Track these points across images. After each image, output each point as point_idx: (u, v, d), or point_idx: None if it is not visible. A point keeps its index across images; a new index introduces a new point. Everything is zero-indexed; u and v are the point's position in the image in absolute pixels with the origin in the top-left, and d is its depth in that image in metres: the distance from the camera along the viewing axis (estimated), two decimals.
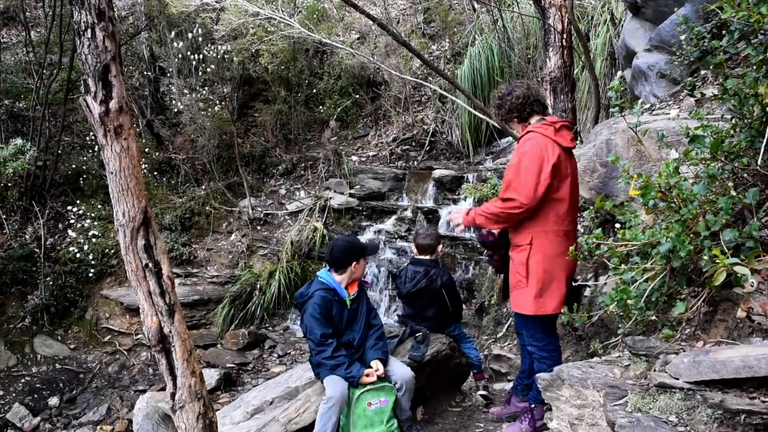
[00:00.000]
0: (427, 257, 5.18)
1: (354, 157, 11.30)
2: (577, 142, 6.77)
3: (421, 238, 5.23)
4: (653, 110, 5.36)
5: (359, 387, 4.41)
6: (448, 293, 5.07)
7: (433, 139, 11.60)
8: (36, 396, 8.28)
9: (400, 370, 4.59)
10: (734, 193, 2.38)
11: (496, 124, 7.32)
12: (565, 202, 3.84)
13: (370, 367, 4.46)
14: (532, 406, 4.36)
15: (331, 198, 10.24)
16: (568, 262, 3.73)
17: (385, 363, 4.59)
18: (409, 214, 9.61)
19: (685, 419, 2.04)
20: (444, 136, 11.65)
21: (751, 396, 1.92)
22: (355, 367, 4.42)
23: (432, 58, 11.78)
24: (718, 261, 2.08)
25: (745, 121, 2.65)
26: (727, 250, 2.26)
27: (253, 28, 10.78)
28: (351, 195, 10.34)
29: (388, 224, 9.72)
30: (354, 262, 4.58)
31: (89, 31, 3.22)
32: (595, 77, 7.13)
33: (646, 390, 2.27)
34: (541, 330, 4.01)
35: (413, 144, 11.68)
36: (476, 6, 11.88)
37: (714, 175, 2.49)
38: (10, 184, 9.89)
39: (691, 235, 2.47)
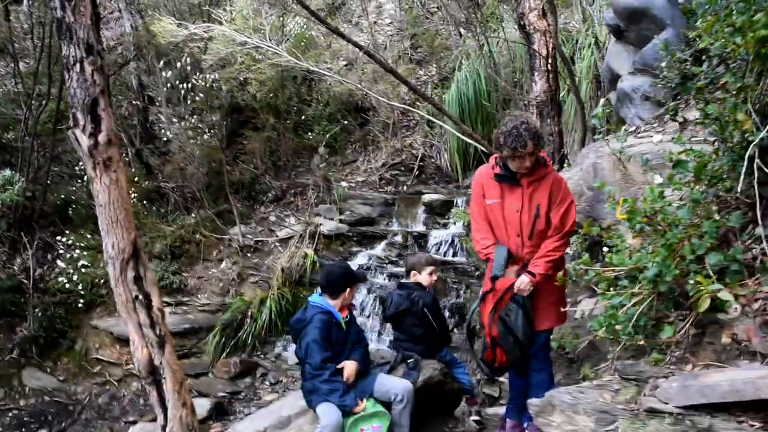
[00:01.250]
0: (412, 281, 5.21)
1: (343, 183, 11.34)
2: (565, 165, 6.84)
3: (408, 257, 5.34)
4: (638, 133, 5.42)
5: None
6: (431, 313, 5.08)
7: (421, 163, 11.66)
8: (24, 429, 8.17)
9: (399, 383, 4.60)
10: (718, 217, 2.41)
11: (484, 149, 7.36)
12: None
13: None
14: (525, 425, 4.36)
15: (321, 224, 10.24)
16: None
17: (362, 373, 4.65)
18: (399, 238, 9.63)
19: None
20: (433, 160, 11.72)
21: (739, 420, 1.93)
22: (349, 397, 4.41)
23: (419, 83, 11.89)
24: (702, 287, 2.11)
25: (727, 145, 2.69)
26: (712, 274, 2.29)
27: (241, 56, 10.85)
28: (341, 221, 10.36)
29: (379, 249, 9.73)
30: (348, 288, 4.67)
31: (78, 65, 3.25)
32: (581, 101, 7.23)
33: (636, 415, 2.28)
34: (549, 341, 4.21)
35: (402, 169, 11.73)
36: (462, 32, 12.03)
37: (698, 200, 2.53)
38: None
39: (677, 259, 2.50)
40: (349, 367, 4.58)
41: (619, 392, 2.56)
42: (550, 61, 6.96)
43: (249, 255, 10.36)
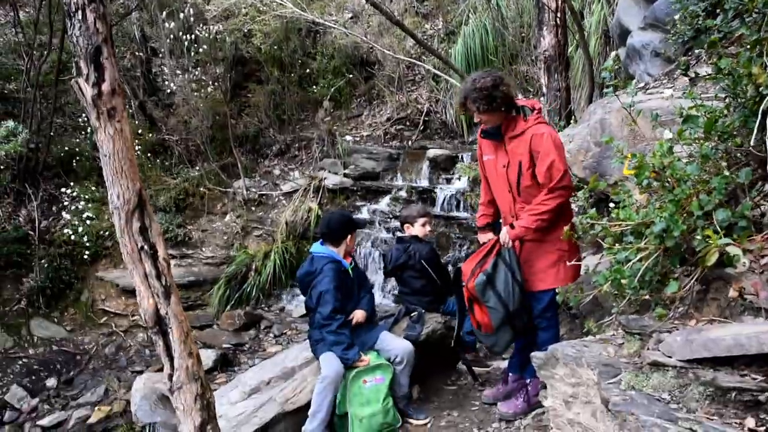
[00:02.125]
0: (408, 235, 5.24)
1: (348, 137, 11.27)
2: (571, 121, 6.78)
3: (401, 211, 5.39)
4: (647, 89, 5.35)
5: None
6: (430, 265, 5.12)
7: (427, 118, 11.56)
8: (34, 377, 8.31)
9: (400, 344, 4.67)
10: (727, 173, 2.39)
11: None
12: None
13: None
14: (528, 381, 4.41)
15: (325, 178, 10.22)
16: None
17: (368, 321, 4.81)
18: (403, 193, 9.61)
19: (678, 396, 2.07)
20: (438, 115, 11.61)
21: (742, 373, 1.95)
22: (352, 351, 4.48)
23: (425, 37, 11.71)
24: (710, 241, 2.10)
25: (739, 100, 2.65)
26: (720, 230, 2.28)
27: (245, 7, 10.68)
28: (345, 175, 10.33)
29: (383, 204, 9.73)
30: (349, 235, 4.72)
31: (80, 12, 3.19)
32: (589, 56, 7.12)
33: (639, 368, 2.30)
34: (555, 300, 4.10)
35: (407, 123, 11.64)
36: None
37: (707, 155, 2.50)
38: (2, 167, 9.82)
39: (685, 215, 2.49)
40: (359, 315, 4.75)
41: (623, 346, 2.58)
42: (558, 15, 6.83)
43: (253, 208, 10.37)
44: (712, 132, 2.59)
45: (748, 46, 2.49)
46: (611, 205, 3.62)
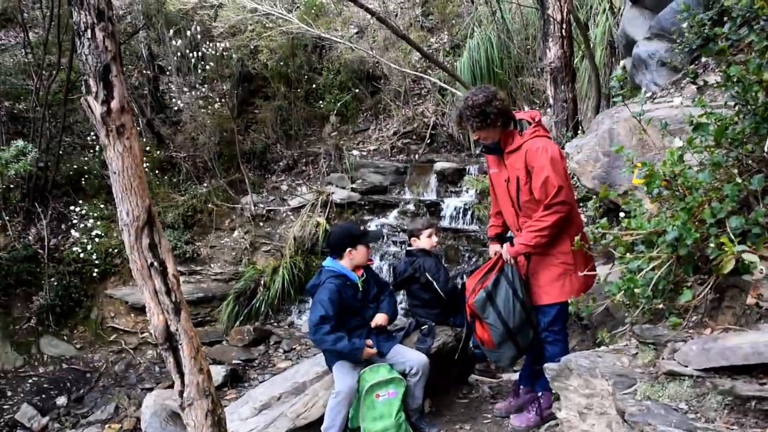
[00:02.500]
0: (415, 248, 5.22)
1: (355, 152, 11.29)
2: (579, 132, 6.77)
3: (408, 226, 5.37)
4: (655, 99, 5.34)
5: (369, 377, 4.43)
6: (434, 279, 5.10)
7: (433, 131, 11.58)
8: (44, 396, 8.30)
9: (414, 355, 4.64)
10: (739, 180, 2.37)
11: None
12: (571, 189, 4.00)
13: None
14: (539, 394, 4.37)
15: (333, 193, 10.23)
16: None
17: (392, 319, 4.84)
18: (411, 207, 9.61)
19: (695, 406, 2.04)
20: (445, 128, 11.62)
21: (761, 382, 1.92)
22: (359, 342, 4.48)
23: (431, 50, 11.75)
24: (726, 249, 2.08)
25: (749, 107, 2.64)
26: (733, 238, 2.26)
27: (251, 24, 10.75)
28: (353, 189, 10.34)
29: (391, 218, 9.73)
30: (349, 248, 4.65)
31: (89, 31, 3.21)
32: (596, 67, 7.12)
33: (655, 378, 2.27)
34: (565, 314, 4.11)
35: (414, 137, 11.66)
36: None
37: (719, 162, 2.49)
38: (12, 186, 9.90)
39: (697, 223, 2.47)
40: (379, 318, 4.76)
41: (637, 356, 2.56)
42: (564, 26, 6.84)
43: (261, 224, 10.39)
44: (723, 139, 2.58)
45: (758, 53, 2.48)
46: (621, 214, 3.61)
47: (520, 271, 4.15)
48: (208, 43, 11.03)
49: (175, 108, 11.57)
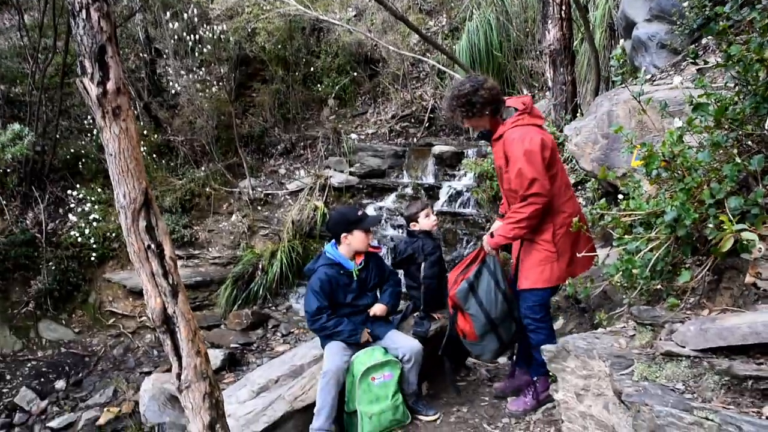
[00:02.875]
0: (417, 230, 5.19)
1: (353, 135, 11.25)
2: (578, 115, 6.75)
3: (404, 211, 5.35)
4: (654, 81, 5.32)
5: (364, 361, 4.43)
6: (432, 260, 5.10)
7: (432, 115, 11.53)
8: (42, 379, 8.33)
9: (408, 342, 4.62)
10: (739, 160, 2.36)
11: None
12: (558, 177, 3.93)
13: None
14: (535, 378, 4.38)
15: (331, 176, 10.21)
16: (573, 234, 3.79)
17: (391, 311, 4.78)
18: (409, 190, 9.59)
19: (692, 386, 2.04)
20: (443, 112, 11.56)
21: (758, 362, 1.92)
22: (358, 330, 4.50)
23: (429, 33, 11.68)
24: (725, 227, 2.07)
25: (750, 87, 2.62)
26: (732, 218, 2.25)
27: (248, 6, 10.67)
28: (351, 173, 10.32)
29: (389, 201, 9.71)
30: (345, 233, 4.61)
31: (84, 11, 3.17)
32: (595, 49, 7.08)
33: (652, 359, 2.27)
34: (546, 301, 4.09)
35: (412, 121, 11.62)
36: None
37: (718, 143, 2.47)
38: (9, 170, 9.87)
39: (696, 204, 2.45)
40: (377, 309, 4.70)
41: (634, 338, 2.55)
42: (563, 8, 6.80)
43: (259, 208, 10.37)
44: (723, 120, 2.56)
45: (760, 31, 2.45)
46: (620, 197, 3.60)
47: (500, 262, 4.19)
48: (205, 26, 10.95)
49: (173, 91, 11.50)
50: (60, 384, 8.30)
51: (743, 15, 2.91)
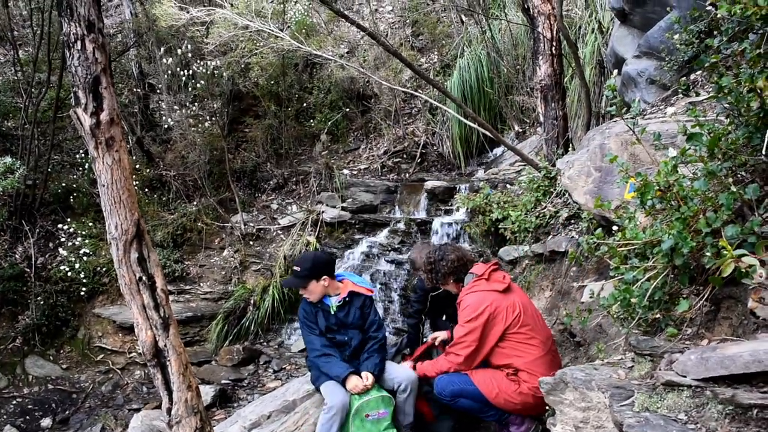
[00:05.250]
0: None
1: (345, 171, 11.28)
2: (569, 149, 6.79)
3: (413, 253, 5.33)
4: (645, 115, 5.37)
5: (358, 397, 4.37)
6: (418, 297, 5.19)
7: (424, 151, 11.60)
8: (28, 417, 8.15)
9: (404, 372, 4.59)
10: (734, 189, 2.36)
11: (488, 133, 7.31)
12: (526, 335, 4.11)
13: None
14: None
15: (323, 212, 10.19)
16: None
17: (380, 372, 4.61)
18: (401, 226, 9.57)
19: (695, 416, 2.01)
20: (435, 148, 11.65)
21: (763, 390, 1.89)
22: (342, 367, 4.48)
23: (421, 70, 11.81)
24: (725, 253, 2.06)
25: (742, 118, 2.64)
26: (729, 247, 2.24)
27: (242, 41, 10.77)
28: (343, 208, 10.30)
29: (381, 237, 9.68)
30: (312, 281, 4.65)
31: (79, 42, 3.20)
32: (586, 84, 7.16)
33: (652, 389, 2.24)
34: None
35: (404, 156, 11.68)
36: (464, 18, 11.95)
37: (713, 172, 2.48)
38: None
39: (692, 234, 2.45)
40: (366, 380, 4.50)
41: (633, 369, 2.53)
42: (554, 44, 6.89)
43: (251, 243, 10.32)
44: (716, 150, 2.57)
45: (750, 63, 2.48)
46: (614, 228, 3.60)
47: None
48: (198, 61, 11.04)
49: (165, 126, 11.54)
50: (46, 422, 8.13)
51: (732, 48, 2.95)
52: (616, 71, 3.87)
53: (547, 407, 3.13)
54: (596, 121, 8.02)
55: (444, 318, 5.31)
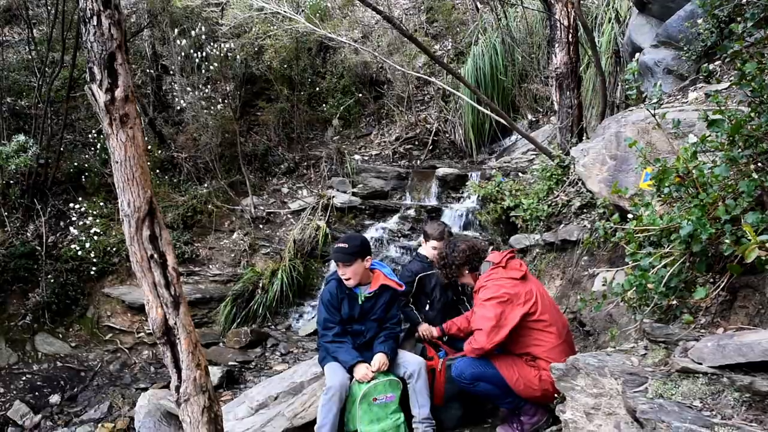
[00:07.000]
0: (422, 251, 5.21)
1: (357, 156, 11.26)
2: (584, 138, 6.73)
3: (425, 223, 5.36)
4: (662, 105, 5.31)
5: (365, 383, 4.34)
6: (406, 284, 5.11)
7: (436, 138, 11.56)
8: (37, 393, 8.22)
9: (412, 358, 4.56)
10: (756, 176, 2.33)
11: (502, 120, 7.26)
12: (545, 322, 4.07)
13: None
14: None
15: (333, 197, 10.18)
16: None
17: (392, 360, 4.56)
18: (412, 212, 9.56)
19: (710, 404, 1.98)
20: (447, 135, 11.61)
21: None
22: (352, 355, 4.41)
23: None
24: (749, 238, 2.02)
25: (764, 105, 2.60)
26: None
27: (257, 23, 10.73)
28: (354, 194, 10.29)
29: (391, 223, 9.67)
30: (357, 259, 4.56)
31: (95, 18, 3.17)
32: (602, 71, 7.07)
33: (667, 376, 2.21)
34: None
35: (416, 143, 11.64)
36: (480, 5, 11.86)
37: (735, 158, 2.44)
38: (12, 182, 9.85)
39: (711, 220, 2.42)
40: (379, 362, 4.46)
41: (647, 356, 2.50)
42: (571, 32, 6.81)
43: (261, 226, 10.33)
44: (737, 137, 2.53)
45: None
46: (629, 216, 3.56)
47: None
48: (212, 43, 11.01)
49: (178, 108, 11.53)
50: (55, 398, 8.19)
51: (757, 35, 2.90)
52: (638, 55, 3.83)
53: (556, 395, 3.12)
54: (611, 111, 7.95)
55: (428, 308, 5.20)
